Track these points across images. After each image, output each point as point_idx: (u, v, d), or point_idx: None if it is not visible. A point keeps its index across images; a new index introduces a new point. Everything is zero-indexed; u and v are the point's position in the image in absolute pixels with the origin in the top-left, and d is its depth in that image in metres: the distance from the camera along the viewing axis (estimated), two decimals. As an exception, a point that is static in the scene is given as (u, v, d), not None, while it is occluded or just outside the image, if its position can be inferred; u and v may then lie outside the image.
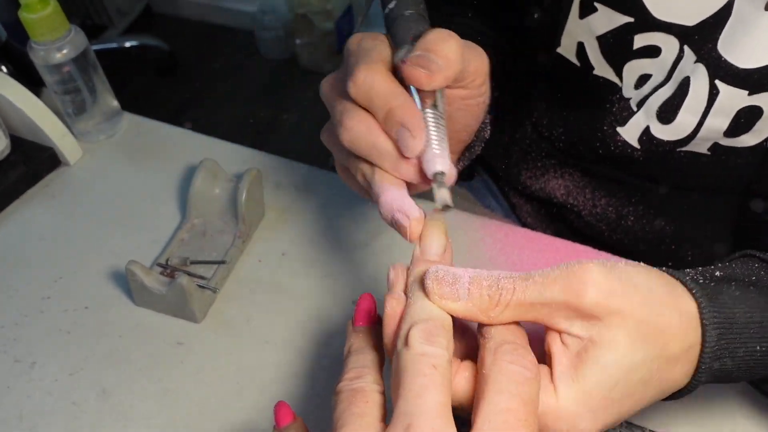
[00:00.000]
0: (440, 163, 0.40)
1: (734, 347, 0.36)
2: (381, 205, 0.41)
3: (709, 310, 0.36)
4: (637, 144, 0.58)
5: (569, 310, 0.34)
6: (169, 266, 0.60)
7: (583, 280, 0.33)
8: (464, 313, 0.34)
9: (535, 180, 0.71)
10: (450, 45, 0.39)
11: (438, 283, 0.34)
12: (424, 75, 0.39)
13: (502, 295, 0.34)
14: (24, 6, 0.64)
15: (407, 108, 0.39)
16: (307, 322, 0.58)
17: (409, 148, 0.39)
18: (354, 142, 0.41)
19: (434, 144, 0.40)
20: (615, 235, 0.68)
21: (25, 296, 0.61)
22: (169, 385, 0.54)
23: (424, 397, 0.30)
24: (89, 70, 0.70)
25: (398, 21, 0.44)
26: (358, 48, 0.42)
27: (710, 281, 0.38)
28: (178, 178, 0.70)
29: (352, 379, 0.34)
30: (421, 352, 0.31)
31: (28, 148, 0.71)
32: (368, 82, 0.40)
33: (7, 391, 0.54)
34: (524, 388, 0.31)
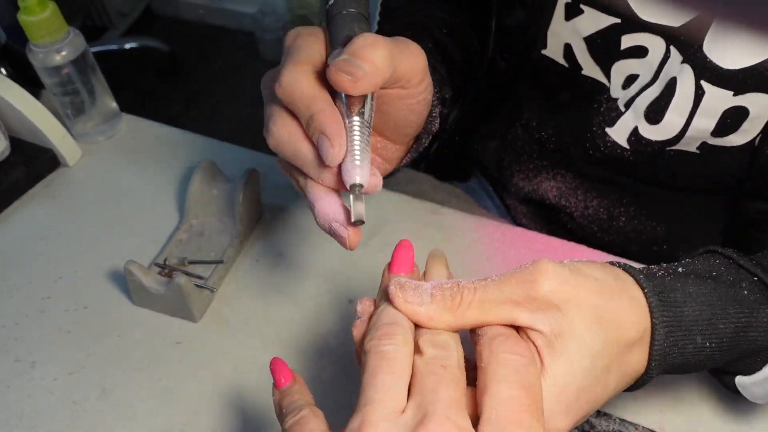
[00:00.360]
0: (359, 175, 0.39)
1: (683, 344, 0.38)
2: (317, 215, 0.41)
3: (659, 310, 0.37)
4: (627, 144, 0.59)
5: (528, 303, 0.35)
6: (167, 266, 0.61)
7: (536, 271, 0.35)
8: (429, 315, 0.35)
9: (527, 182, 0.71)
10: (377, 51, 0.39)
11: (401, 288, 0.36)
12: (348, 81, 0.38)
13: (464, 294, 0.35)
14: (23, 9, 0.64)
15: (328, 115, 0.39)
16: (305, 321, 0.58)
17: (328, 157, 0.39)
18: (278, 148, 0.41)
19: (356, 154, 0.39)
20: (607, 236, 0.68)
21: (25, 296, 0.61)
22: (168, 384, 0.55)
23: (437, 392, 0.31)
24: (88, 72, 0.71)
25: (336, 19, 0.42)
26: (292, 45, 0.42)
27: (668, 274, 0.39)
28: (177, 179, 0.71)
29: (381, 338, 0.34)
30: (432, 355, 0.33)
31: (28, 149, 0.71)
32: (292, 84, 0.39)
33: (8, 390, 0.55)
34: (523, 375, 0.32)
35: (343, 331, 0.57)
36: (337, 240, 0.41)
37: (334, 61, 0.38)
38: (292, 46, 0.41)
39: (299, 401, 0.37)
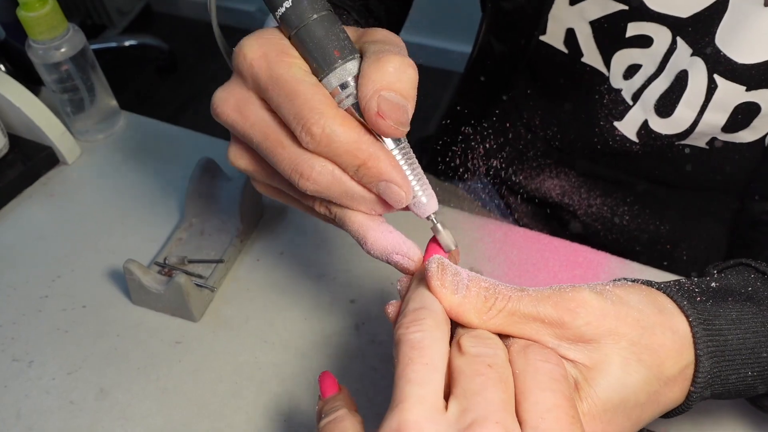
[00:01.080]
0: (430, 203, 0.38)
1: (726, 374, 0.36)
2: (371, 247, 0.38)
3: (703, 340, 0.35)
4: (636, 138, 0.58)
5: (559, 329, 0.33)
6: (167, 265, 0.60)
7: (575, 300, 0.34)
8: (458, 308, 0.34)
9: (530, 180, 0.71)
10: (411, 76, 0.35)
11: (442, 269, 0.34)
12: (399, 130, 0.35)
13: (498, 300, 0.34)
14: (22, 5, 0.64)
15: (383, 161, 0.35)
16: (305, 321, 0.58)
17: (399, 202, 0.36)
18: (321, 192, 0.37)
19: (415, 185, 0.38)
20: (610, 234, 0.68)
21: (23, 295, 0.61)
22: (167, 384, 0.54)
23: (484, 394, 0.30)
24: (88, 69, 0.70)
25: (309, 28, 0.36)
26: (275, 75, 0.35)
27: (706, 295, 0.38)
28: (177, 177, 0.70)
29: (409, 325, 0.32)
30: (476, 353, 0.32)
31: (27, 146, 0.71)
32: (328, 135, 0.34)
33: (5, 390, 0.54)
34: (563, 385, 0.31)
35: (344, 331, 0.57)
36: (398, 269, 0.39)
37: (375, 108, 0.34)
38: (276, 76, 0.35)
39: (339, 405, 0.36)
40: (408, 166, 0.37)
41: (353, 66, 0.36)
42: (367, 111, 0.35)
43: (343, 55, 0.36)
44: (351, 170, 0.36)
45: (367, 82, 0.35)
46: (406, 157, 0.37)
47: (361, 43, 0.38)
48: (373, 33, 0.38)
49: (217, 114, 0.38)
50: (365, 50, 0.37)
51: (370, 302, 0.58)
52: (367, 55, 0.36)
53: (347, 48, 0.37)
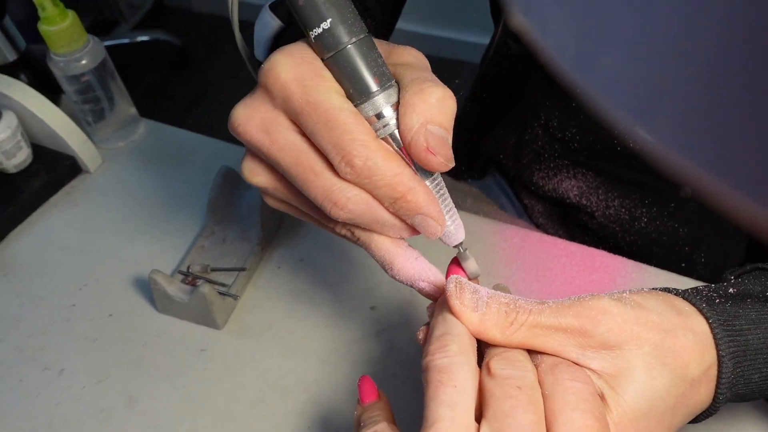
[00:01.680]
0: (459, 234, 0.39)
1: (749, 374, 0.37)
2: (397, 273, 0.39)
3: (725, 341, 0.36)
4: None
5: (582, 338, 0.34)
6: (190, 273, 0.61)
7: (595, 308, 0.34)
8: (479, 326, 0.34)
9: (547, 180, 0.71)
10: (452, 108, 0.35)
11: (460, 288, 0.35)
12: (448, 166, 0.35)
13: (519, 314, 0.34)
14: (43, 19, 0.65)
15: (422, 194, 0.35)
16: (327, 328, 0.59)
17: (434, 234, 0.37)
18: (353, 220, 0.36)
19: (446, 215, 0.38)
20: (628, 236, 0.68)
21: (51, 305, 0.62)
22: (193, 391, 0.56)
23: (515, 416, 0.30)
24: (107, 79, 0.71)
25: (346, 55, 0.35)
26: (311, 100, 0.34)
27: (725, 298, 0.38)
28: (197, 185, 0.71)
29: (434, 353, 0.33)
30: (505, 375, 0.32)
31: (50, 156, 0.72)
32: (370, 168, 0.34)
33: (37, 398, 0.56)
34: (593, 404, 0.31)
35: (365, 338, 0.58)
36: (422, 294, 0.40)
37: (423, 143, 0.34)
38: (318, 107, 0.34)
39: (378, 417, 0.36)
40: (440, 197, 0.38)
41: (391, 95, 0.36)
42: (416, 145, 0.34)
43: (381, 83, 0.35)
44: (387, 202, 0.36)
45: (412, 114, 0.34)
46: (439, 188, 0.38)
47: (393, 65, 0.37)
48: (402, 54, 0.38)
49: (239, 132, 0.37)
50: (400, 76, 0.36)
51: (390, 309, 0.59)
52: (404, 82, 0.35)
53: (386, 75, 0.36)
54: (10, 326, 0.61)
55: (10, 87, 0.69)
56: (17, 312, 0.62)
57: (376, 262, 0.40)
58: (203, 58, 2.36)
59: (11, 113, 0.68)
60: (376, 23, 0.62)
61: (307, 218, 0.41)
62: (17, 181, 0.70)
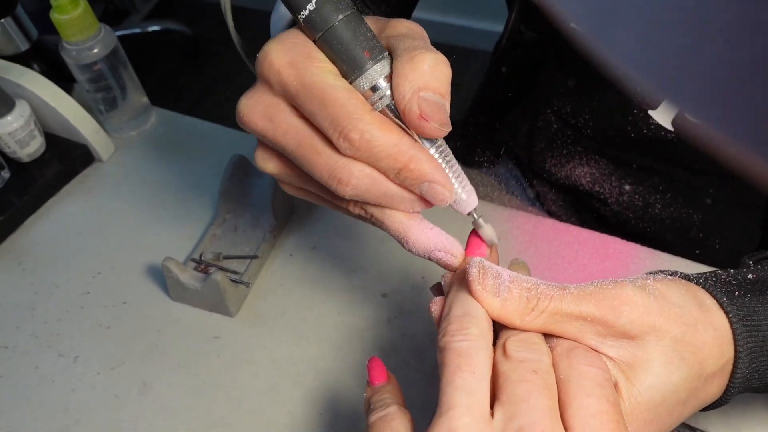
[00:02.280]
0: (471, 199, 0.38)
1: (764, 369, 0.37)
2: (413, 245, 0.38)
3: (743, 336, 0.35)
4: (671, 127, 0.57)
5: (602, 326, 0.33)
6: (203, 261, 0.62)
7: (618, 297, 0.33)
8: (500, 311, 0.34)
9: (560, 167, 0.71)
10: (446, 73, 0.35)
11: (483, 273, 0.34)
12: (443, 131, 0.35)
13: (540, 300, 0.34)
14: (55, 7, 0.65)
15: (424, 162, 0.35)
16: (339, 315, 0.59)
17: (443, 201, 0.36)
18: (360, 196, 0.36)
19: (455, 182, 0.37)
20: (642, 223, 0.68)
21: (65, 292, 0.63)
22: (206, 378, 0.56)
23: (530, 401, 0.30)
24: (119, 68, 0.71)
25: (334, 32, 0.35)
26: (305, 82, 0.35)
27: (744, 288, 0.38)
28: (209, 173, 0.71)
29: (455, 333, 0.32)
30: (521, 358, 0.32)
31: (63, 145, 0.72)
32: (367, 141, 0.34)
33: (53, 384, 0.57)
34: (607, 390, 0.31)
35: (377, 325, 0.58)
36: (440, 264, 0.39)
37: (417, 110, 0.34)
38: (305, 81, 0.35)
39: (388, 399, 0.36)
40: (446, 164, 0.37)
41: (384, 66, 0.36)
42: (409, 113, 0.34)
43: (373, 56, 0.35)
44: (392, 173, 0.35)
45: (404, 83, 0.34)
46: (444, 154, 0.37)
47: (386, 38, 0.37)
48: (396, 26, 0.37)
49: (245, 122, 0.38)
50: (393, 47, 0.36)
51: (402, 296, 0.59)
52: (397, 53, 0.35)
53: (376, 48, 0.36)
54: (26, 314, 0.61)
55: (23, 76, 0.69)
56: (32, 300, 0.62)
57: (393, 237, 0.39)
58: (214, 47, 2.36)
59: (24, 102, 0.68)
60: (390, 8, 0.61)
61: (321, 201, 0.41)
62: (31, 170, 0.71)
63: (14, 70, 0.70)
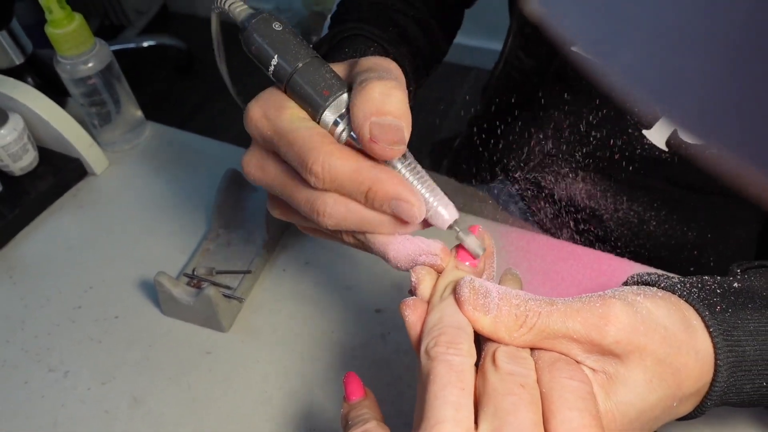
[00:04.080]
0: (449, 212, 0.38)
1: (741, 384, 0.37)
2: (394, 258, 0.39)
3: (724, 351, 0.36)
4: (665, 147, 0.58)
5: (588, 344, 0.34)
6: (195, 276, 0.61)
7: (604, 316, 0.34)
8: (489, 328, 0.34)
9: (555, 184, 0.71)
10: (398, 97, 0.36)
11: (473, 292, 0.35)
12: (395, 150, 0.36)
13: (528, 317, 0.34)
14: (50, 22, 0.65)
15: (386, 182, 0.36)
16: (332, 331, 0.59)
17: (413, 217, 0.37)
18: (340, 225, 0.38)
19: (428, 196, 0.38)
20: (636, 240, 0.68)
21: (57, 306, 0.62)
22: (198, 393, 0.56)
23: (516, 415, 0.30)
24: (113, 82, 0.71)
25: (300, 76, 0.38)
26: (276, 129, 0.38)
27: (727, 301, 0.38)
28: (202, 187, 0.71)
29: (449, 346, 0.33)
30: (510, 371, 0.32)
31: (56, 159, 0.72)
32: (328, 171, 0.36)
33: (42, 399, 0.56)
34: (589, 403, 0.32)
35: (370, 341, 0.57)
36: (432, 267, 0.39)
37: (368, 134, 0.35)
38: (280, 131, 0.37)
39: (366, 415, 0.36)
40: (417, 180, 0.38)
41: (343, 100, 0.38)
42: (362, 139, 0.36)
43: (332, 93, 0.38)
44: (360, 197, 0.37)
45: (357, 112, 0.36)
46: (414, 172, 0.38)
47: (351, 76, 0.39)
48: (362, 63, 0.39)
49: (247, 173, 0.41)
50: (353, 82, 0.38)
51: (396, 312, 0.59)
52: (354, 86, 0.37)
53: (335, 85, 0.38)
54: (16, 327, 0.61)
55: (17, 90, 0.69)
56: (23, 313, 0.62)
57: (382, 258, 0.40)
58: (208, 62, 2.36)
59: (18, 116, 0.68)
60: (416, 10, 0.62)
61: (328, 237, 0.43)
62: (23, 184, 0.70)
63: (8, 83, 0.70)
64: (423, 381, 0.32)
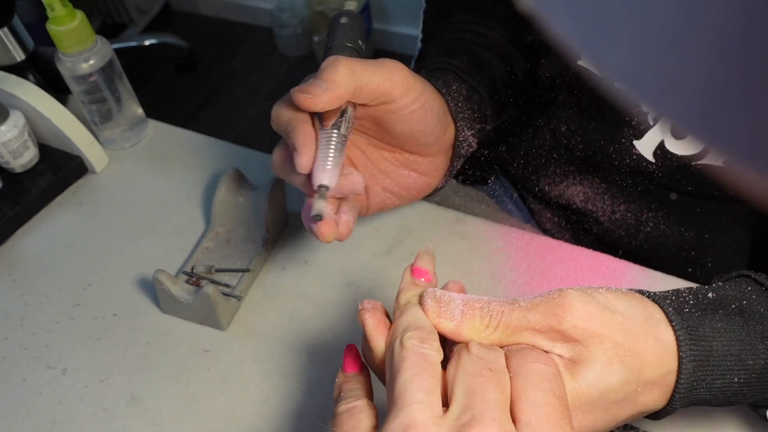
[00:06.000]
0: (322, 177, 0.46)
1: (711, 379, 0.38)
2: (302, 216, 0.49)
3: (687, 344, 0.37)
4: (652, 158, 0.58)
5: (551, 333, 0.36)
6: (194, 274, 0.61)
7: (562, 305, 0.36)
8: (456, 332, 0.37)
9: (554, 186, 0.71)
10: (338, 69, 0.44)
11: (436, 302, 0.37)
12: (306, 99, 0.44)
13: (492, 318, 0.37)
14: (52, 19, 0.65)
15: (298, 131, 0.46)
16: (331, 329, 0.59)
17: (297, 165, 0.45)
18: (275, 169, 0.50)
19: (322, 160, 0.46)
20: (634, 241, 0.68)
21: (55, 303, 0.62)
22: (196, 391, 0.56)
23: (484, 394, 0.32)
24: (115, 80, 0.71)
25: (330, 51, 0.49)
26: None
27: (698, 307, 0.39)
28: (202, 186, 0.71)
29: (423, 340, 0.35)
30: (480, 355, 0.35)
31: (56, 156, 0.72)
32: (275, 114, 0.47)
33: (40, 397, 0.56)
34: (554, 384, 0.34)
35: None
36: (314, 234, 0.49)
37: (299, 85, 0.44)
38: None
39: (358, 391, 0.38)
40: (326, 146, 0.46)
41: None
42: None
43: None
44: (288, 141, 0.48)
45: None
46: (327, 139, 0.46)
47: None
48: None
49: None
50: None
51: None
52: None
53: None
54: (15, 324, 0.61)
55: (18, 87, 0.69)
56: (22, 310, 0.62)
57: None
58: (210, 61, 2.37)
59: (18, 113, 0.68)
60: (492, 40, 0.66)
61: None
62: (24, 181, 0.70)
63: (9, 80, 0.70)
64: (394, 371, 0.34)
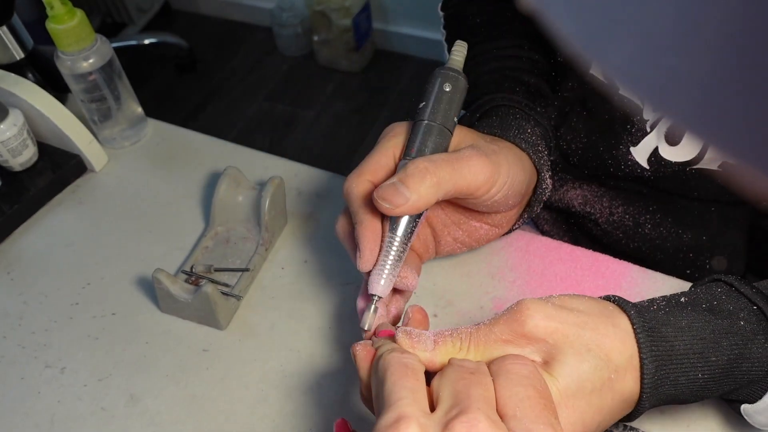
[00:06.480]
0: (376, 288, 0.45)
1: (675, 376, 0.39)
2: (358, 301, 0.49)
3: (646, 345, 0.39)
4: (647, 164, 0.59)
5: (517, 339, 0.39)
6: (193, 273, 0.61)
7: (520, 311, 0.39)
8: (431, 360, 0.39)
9: (553, 191, 0.71)
10: (425, 180, 0.44)
11: (408, 336, 0.40)
12: (387, 208, 0.44)
13: (462, 340, 0.40)
14: (51, 17, 0.65)
15: (365, 227, 0.45)
16: (330, 329, 0.58)
17: (358, 264, 0.46)
18: (339, 237, 0.50)
19: (381, 266, 0.46)
20: (632, 243, 0.68)
21: (54, 302, 0.62)
22: (195, 390, 0.56)
23: (469, 391, 0.35)
24: (114, 78, 0.71)
25: (418, 126, 0.47)
26: (376, 145, 0.48)
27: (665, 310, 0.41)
28: (202, 185, 0.71)
29: (403, 353, 0.38)
30: (461, 364, 0.38)
31: (56, 155, 0.72)
32: (347, 190, 0.46)
33: (39, 396, 0.56)
34: (533, 380, 0.36)
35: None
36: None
37: (381, 186, 0.44)
38: (375, 148, 0.48)
39: None
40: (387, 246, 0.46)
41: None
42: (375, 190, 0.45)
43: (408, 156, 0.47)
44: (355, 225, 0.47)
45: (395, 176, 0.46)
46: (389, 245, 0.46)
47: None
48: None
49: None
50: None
51: (394, 311, 0.59)
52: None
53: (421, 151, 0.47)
54: (14, 323, 0.61)
55: (17, 85, 0.69)
56: (20, 309, 0.62)
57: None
58: (210, 60, 2.37)
59: (18, 111, 0.68)
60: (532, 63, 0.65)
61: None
62: (23, 179, 0.70)
63: (8, 78, 0.70)
64: (379, 381, 0.37)
